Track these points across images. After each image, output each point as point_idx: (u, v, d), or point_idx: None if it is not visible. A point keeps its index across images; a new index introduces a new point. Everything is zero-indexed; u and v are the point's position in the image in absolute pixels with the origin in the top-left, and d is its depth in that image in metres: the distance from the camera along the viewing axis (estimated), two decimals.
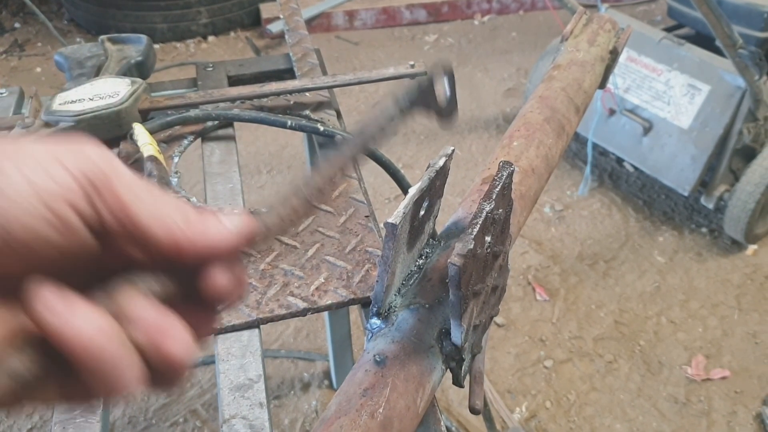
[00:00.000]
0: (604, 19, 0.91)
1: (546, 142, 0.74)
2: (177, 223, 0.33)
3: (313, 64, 1.12)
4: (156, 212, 0.32)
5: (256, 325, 0.72)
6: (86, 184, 0.31)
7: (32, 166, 0.30)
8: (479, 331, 0.57)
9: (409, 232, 0.54)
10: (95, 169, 0.32)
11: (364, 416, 0.46)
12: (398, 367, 0.50)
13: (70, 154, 0.31)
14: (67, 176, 0.31)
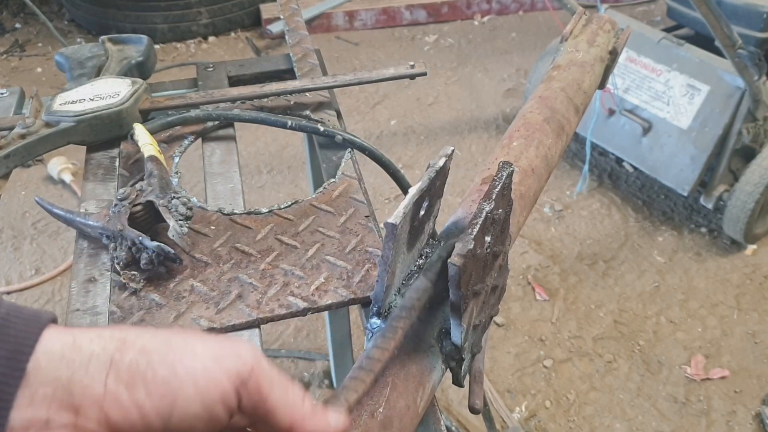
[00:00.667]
0: (603, 19, 0.92)
1: (545, 142, 0.74)
2: (294, 408, 0.41)
3: (313, 65, 1.12)
4: (286, 403, 0.41)
5: (256, 325, 0.72)
6: (238, 383, 0.39)
7: (198, 368, 0.38)
8: (479, 330, 0.58)
9: (409, 232, 0.54)
10: (247, 368, 0.39)
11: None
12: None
13: (229, 358, 0.39)
14: (226, 382, 0.38)
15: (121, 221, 0.75)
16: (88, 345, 0.37)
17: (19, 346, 0.36)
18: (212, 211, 0.86)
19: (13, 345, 0.36)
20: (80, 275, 0.77)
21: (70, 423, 0.36)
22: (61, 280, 2.15)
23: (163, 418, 0.37)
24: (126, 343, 0.38)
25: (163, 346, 0.38)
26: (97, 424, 0.37)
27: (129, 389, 0.37)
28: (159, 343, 0.38)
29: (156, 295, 0.74)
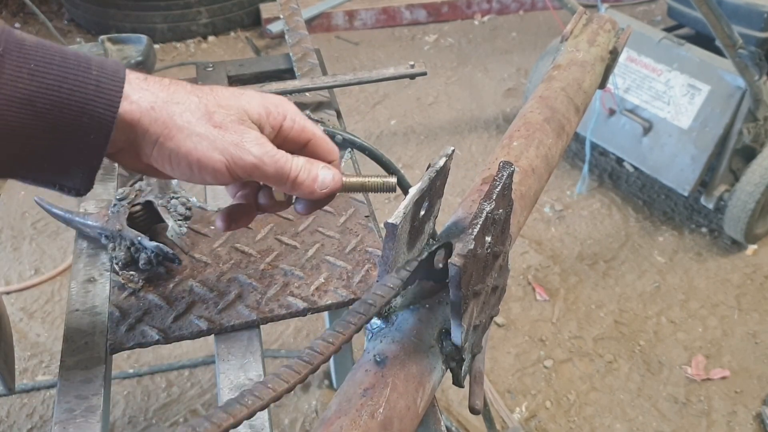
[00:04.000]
0: (604, 19, 0.91)
1: (546, 142, 0.74)
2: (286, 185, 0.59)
3: (313, 64, 1.12)
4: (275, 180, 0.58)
5: (256, 325, 0.72)
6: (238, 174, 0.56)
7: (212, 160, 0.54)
8: (479, 331, 0.57)
9: (409, 232, 0.54)
10: (243, 171, 0.56)
11: (365, 416, 0.46)
12: (398, 367, 0.50)
13: (234, 157, 0.55)
14: (226, 174, 0.55)
15: (120, 221, 0.75)
16: (145, 124, 0.53)
17: (111, 105, 0.51)
18: (212, 211, 0.85)
19: (107, 103, 0.51)
20: (80, 275, 0.77)
21: (136, 155, 0.55)
22: (60, 280, 2.15)
23: (186, 179, 0.57)
24: (169, 133, 0.53)
25: (188, 142, 0.54)
26: (149, 161, 0.55)
27: (164, 160, 0.55)
28: (186, 138, 0.54)
29: (155, 295, 0.73)
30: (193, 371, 1.87)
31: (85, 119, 0.50)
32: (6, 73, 0.48)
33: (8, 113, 0.48)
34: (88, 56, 0.52)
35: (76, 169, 0.53)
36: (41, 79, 0.49)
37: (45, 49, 0.50)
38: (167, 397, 1.81)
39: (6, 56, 0.48)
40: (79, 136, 0.51)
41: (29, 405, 1.79)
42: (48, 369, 1.89)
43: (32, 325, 2.01)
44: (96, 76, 0.51)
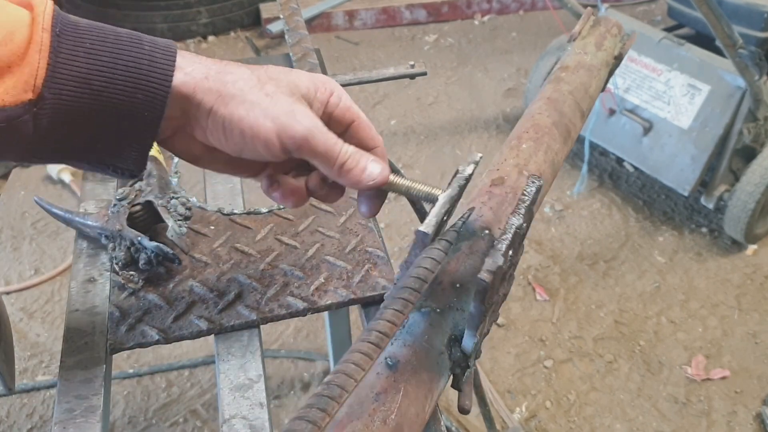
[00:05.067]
0: (611, 22, 0.91)
1: (554, 147, 0.73)
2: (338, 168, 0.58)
3: (313, 64, 1.12)
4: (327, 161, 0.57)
5: (256, 325, 0.72)
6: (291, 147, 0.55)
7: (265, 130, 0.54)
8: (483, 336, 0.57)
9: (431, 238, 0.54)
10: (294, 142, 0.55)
11: (377, 422, 0.46)
12: (410, 372, 0.50)
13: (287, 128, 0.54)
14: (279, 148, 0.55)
15: (119, 221, 0.75)
16: (200, 95, 0.54)
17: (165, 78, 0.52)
18: (212, 211, 0.85)
19: (160, 77, 0.52)
20: (79, 275, 0.77)
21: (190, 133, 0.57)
22: (60, 280, 2.15)
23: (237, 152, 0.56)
24: (221, 98, 0.54)
25: (242, 111, 0.54)
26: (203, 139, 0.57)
27: (217, 131, 0.55)
28: (240, 107, 0.54)
29: (155, 295, 0.73)
30: (193, 371, 1.87)
31: (140, 95, 0.51)
32: (63, 52, 0.49)
33: (65, 93, 0.49)
34: (139, 34, 0.53)
35: (130, 147, 0.54)
36: (96, 57, 0.50)
37: (99, 29, 0.52)
38: (167, 397, 1.81)
39: (62, 37, 0.49)
40: (134, 114, 0.51)
41: (29, 405, 1.79)
42: (48, 369, 1.89)
43: (32, 325, 2.01)
44: (149, 51, 0.52)
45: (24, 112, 0.48)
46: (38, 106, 0.48)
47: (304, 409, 0.41)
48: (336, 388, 0.42)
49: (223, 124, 0.54)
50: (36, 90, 0.48)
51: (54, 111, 0.49)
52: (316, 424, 0.40)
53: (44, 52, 0.48)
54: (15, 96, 0.47)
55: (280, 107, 0.55)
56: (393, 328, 0.47)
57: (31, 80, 0.47)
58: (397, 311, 0.47)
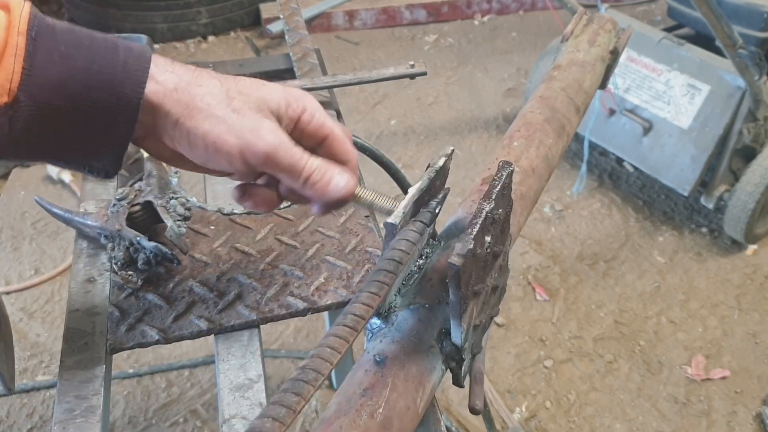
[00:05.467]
0: (604, 19, 0.91)
1: (546, 142, 0.74)
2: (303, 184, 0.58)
3: (313, 64, 1.12)
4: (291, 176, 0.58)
5: (256, 325, 0.72)
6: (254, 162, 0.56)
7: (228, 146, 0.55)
8: (479, 331, 0.57)
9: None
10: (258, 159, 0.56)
11: (364, 416, 0.46)
12: (398, 367, 0.50)
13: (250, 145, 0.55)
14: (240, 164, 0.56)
15: (119, 221, 0.75)
16: (167, 105, 0.54)
17: (138, 84, 0.52)
18: (212, 211, 0.85)
19: (134, 83, 0.52)
20: (79, 275, 0.77)
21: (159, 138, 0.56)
22: (60, 280, 2.15)
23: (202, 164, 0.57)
24: (189, 111, 0.54)
25: (206, 126, 0.54)
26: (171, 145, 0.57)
27: (182, 143, 0.55)
28: (204, 122, 0.54)
29: (155, 295, 0.73)
30: (193, 371, 1.87)
31: (114, 100, 0.52)
32: (38, 56, 0.49)
33: (41, 96, 0.50)
34: (115, 39, 0.54)
35: (106, 149, 0.54)
36: (72, 61, 0.51)
37: (75, 33, 0.52)
38: (167, 397, 1.81)
39: (38, 40, 0.50)
40: (109, 117, 0.52)
41: (29, 405, 1.79)
42: (48, 369, 1.89)
43: (32, 325, 2.01)
44: (123, 58, 0.52)
45: (0, 114, 0.49)
46: (13, 109, 0.49)
47: (280, 394, 0.42)
48: (311, 371, 0.43)
49: (188, 136, 0.55)
50: (11, 94, 0.48)
51: (29, 114, 0.50)
52: (290, 407, 0.41)
53: (19, 56, 0.49)
54: None
55: (245, 123, 0.55)
56: (369, 311, 0.47)
57: (6, 84, 0.48)
58: (372, 294, 0.48)
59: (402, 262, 0.51)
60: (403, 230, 0.53)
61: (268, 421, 0.40)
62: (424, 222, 0.54)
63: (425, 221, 0.55)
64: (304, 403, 0.42)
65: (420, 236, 0.53)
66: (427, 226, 0.55)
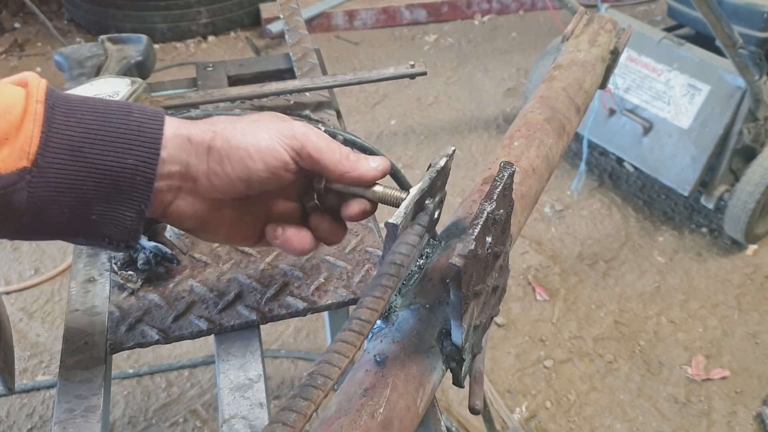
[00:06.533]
0: (605, 19, 0.91)
1: (546, 142, 0.74)
2: (341, 162, 0.58)
3: (313, 64, 1.12)
4: (331, 158, 0.58)
5: (256, 325, 0.72)
6: (294, 154, 0.57)
7: (263, 148, 0.56)
8: (479, 331, 0.57)
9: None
10: (298, 143, 0.57)
11: (365, 416, 0.46)
12: (398, 367, 0.50)
13: (285, 138, 0.57)
14: (285, 155, 0.57)
15: None
16: (195, 137, 0.55)
17: (153, 142, 0.53)
18: None
19: (149, 141, 0.53)
20: (79, 275, 0.77)
21: (193, 188, 0.57)
22: (60, 280, 2.15)
23: (244, 182, 0.57)
24: (216, 134, 0.56)
25: (240, 135, 0.56)
26: (207, 188, 0.57)
27: (221, 165, 0.56)
28: (237, 133, 0.56)
29: (155, 295, 0.73)
30: (193, 371, 1.87)
31: (131, 160, 0.52)
32: (56, 122, 0.51)
33: (58, 161, 0.50)
34: (129, 104, 0.56)
35: (124, 215, 0.54)
36: (88, 126, 0.52)
37: (89, 101, 0.54)
38: (167, 397, 1.81)
39: (55, 108, 0.51)
40: (126, 178, 0.53)
41: (29, 405, 1.79)
42: (48, 369, 1.89)
43: (32, 325, 2.01)
44: (138, 117, 0.54)
45: (18, 179, 0.49)
46: (32, 174, 0.50)
47: (290, 400, 0.42)
48: (319, 377, 0.44)
49: (224, 154, 0.55)
50: (30, 158, 0.49)
51: (48, 180, 0.50)
52: (301, 412, 0.41)
53: (38, 122, 0.50)
54: (10, 164, 0.49)
55: (273, 123, 0.58)
56: (374, 314, 0.48)
57: (26, 148, 0.49)
58: (376, 297, 0.48)
59: (404, 265, 0.51)
60: (404, 233, 0.53)
61: (278, 426, 0.40)
62: (422, 225, 0.54)
63: (423, 224, 0.55)
64: (314, 408, 0.42)
65: (419, 239, 0.53)
66: (425, 228, 0.55)
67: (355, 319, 0.47)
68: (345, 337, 0.46)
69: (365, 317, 0.47)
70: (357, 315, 0.47)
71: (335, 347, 0.45)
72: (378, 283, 0.49)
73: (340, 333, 0.46)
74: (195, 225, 0.61)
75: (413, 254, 0.52)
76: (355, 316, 0.47)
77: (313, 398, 0.42)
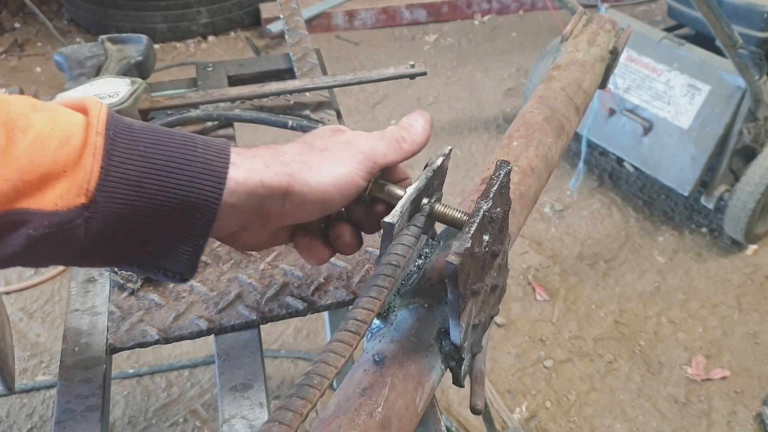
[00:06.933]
0: (604, 19, 0.91)
1: (545, 141, 0.74)
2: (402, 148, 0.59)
3: (313, 64, 1.12)
4: (393, 152, 0.58)
5: (256, 325, 0.72)
6: (369, 176, 0.57)
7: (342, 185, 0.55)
8: (479, 330, 0.57)
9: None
10: (371, 164, 0.57)
11: (363, 415, 0.46)
12: (397, 366, 0.50)
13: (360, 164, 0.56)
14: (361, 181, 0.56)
15: None
16: (269, 182, 0.53)
17: (218, 178, 0.51)
18: None
19: (214, 177, 0.51)
20: (79, 275, 0.77)
21: (262, 224, 0.57)
22: (60, 280, 2.15)
23: (320, 213, 0.57)
24: (293, 178, 0.54)
25: (317, 177, 0.54)
26: (278, 223, 0.57)
27: (301, 208, 0.55)
28: (314, 174, 0.54)
29: (155, 295, 0.73)
30: (193, 371, 1.87)
31: (193, 198, 0.50)
32: (116, 156, 0.48)
33: (117, 197, 0.48)
34: (194, 135, 0.53)
35: (182, 250, 0.53)
36: (149, 160, 0.49)
37: (152, 132, 0.51)
38: (167, 397, 1.81)
39: (117, 140, 0.49)
40: (186, 215, 0.51)
41: (29, 405, 1.79)
42: (48, 369, 1.89)
43: (32, 325, 2.01)
44: (202, 153, 0.51)
45: (76, 216, 0.47)
46: (90, 210, 0.47)
47: (286, 399, 0.42)
48: (316, 376, 0.44)
49: (305, 198, 0.55)
50: (89, 194, 0.47)
51: (105, 215, 0.48)
52: (297, 411, 0.42)
53: (98, 155, 0.47)
54: (68, 200, 0.46)
55: (342, 152, 0.56)
56: (370, 314, 0.48)
57: (84, 184, 0.47)
58: (372, 298, 0.48)
59: (400, 265, 0.51)
60: (400, 234, 0.53)
61: (275, 425, 0.41)
62: (418, 226, 0.54)
63: (420, 225, 0.55)
64: (311, 407, 0.42)
65: (416, 239, 0.53)
66: (421, 229, 0.55)
67: (351, 319, 0.47)
68: (341, 336, 0.46)
69: (361, 317, 0.47)
70: (353, 315, 0.47)
71: (331, 347, 0.45)
72: (374, 283, 0.50)
73: (336, 333, 0.46)
74: (252, 247, 0.62)
75: (410, 254, 0.52)
76: (352, 316, 0.47)
77: (310, 397, 0.42)
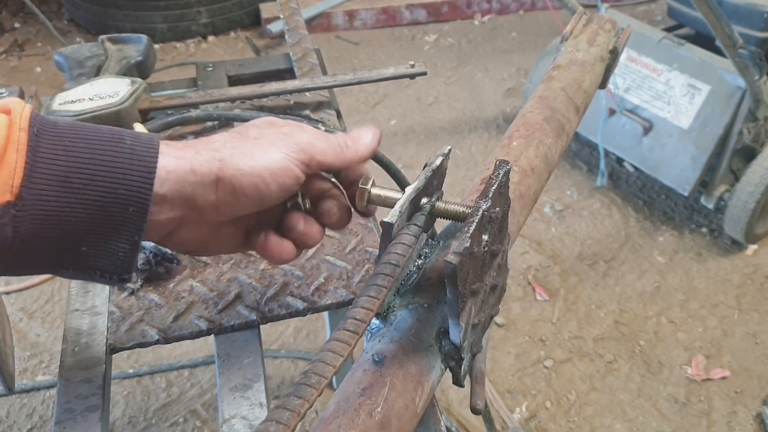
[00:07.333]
0: (604, 19, 0.92)
1: (545, 141, 0.74)
2: (344, 154, 0.59)
3: (313, 64, 1.12)
4: (333, 155, 0.58)
5: (256, 325, 0.72)
6: (304, 167, 0.56)
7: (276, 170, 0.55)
8: (479, 330, 0.57)
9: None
10: (307, 156, 0.56)
11: (362, 415, 0.46)
12: (397, 366, 0.50)
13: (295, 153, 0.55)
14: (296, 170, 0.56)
15: None
16: (199, 168, 0.52)
17: (147, 170, 0.50)
18: None
19: (143, 170, 0.50)
20: None
21: (198, 217, 0.55)
22: (60, 280, 2.15)
23: (256, 204, 0.56)
24: (224, 163, 0.53)
25: (249, 161, 0.53)
26: (214, 216, 0.55)
27: (233, 195, 0.54)
28: (246, 159, 0.54)
29: (155, 295, 0.73)
30: (193, 371, 1.87)
31: (122, 190, 0.49)
32: (42, 151, 0.47)
33: (45, 192, 0.47)
34: (121, 130, 0.52)
35: (116, 247, 0.51)
36: (75, 154, 0.48)
37: (78, 127, 0.50)
38: (167, 397, 1.81)
39: (41, 135, 0.48)
40: (118, 209, 0.49)
41: (29, 405, 1.79)
42: (48, 369, 1.89)
43: (32, 325, 2.01)
44: (130, 144, 0.50)
45: (2, 214, 0.46)
46: (17, 208, 0.46)
47: (284, 399, 0.42)
48: (314, 376, 0.44)
49: (236, 183, 0.53)
50: (14, 191, 0.46)
51: (34, 213, 0.47)
52: (294, 410, 0.42)
53: (21, 151, 0.46)
54: None
55: (278, 139, 0.56)
56: (369, 314, 0.48)
57: (9, 180, 0.46)
58: (371, 297, 0.48)
59: (399, 265, 0.51)
60: (400, 233, 0.53)
61: (272, 424, 0.41)
62: (418, 225, 0.55)
63: (419, 224, 0.55)
64: (308, 407, 0.42)
65: (415, 239, 0.53)
66: (420, 228, 0.55)
67: (350, 318, 0.47)
68: (340, 336, 0.46)
69: (360, 317, 0.47)
70: (352, 314, 0.48)
71: (330, 346, 0.45)
72: (373, 282, 0.50)
73: (335, 332, 0.46)
74: (195, 248, 0.60)
75: (409, 254, 0.52)
76: (350, 315, 0.47)
77: (307, 397, 0.42)
